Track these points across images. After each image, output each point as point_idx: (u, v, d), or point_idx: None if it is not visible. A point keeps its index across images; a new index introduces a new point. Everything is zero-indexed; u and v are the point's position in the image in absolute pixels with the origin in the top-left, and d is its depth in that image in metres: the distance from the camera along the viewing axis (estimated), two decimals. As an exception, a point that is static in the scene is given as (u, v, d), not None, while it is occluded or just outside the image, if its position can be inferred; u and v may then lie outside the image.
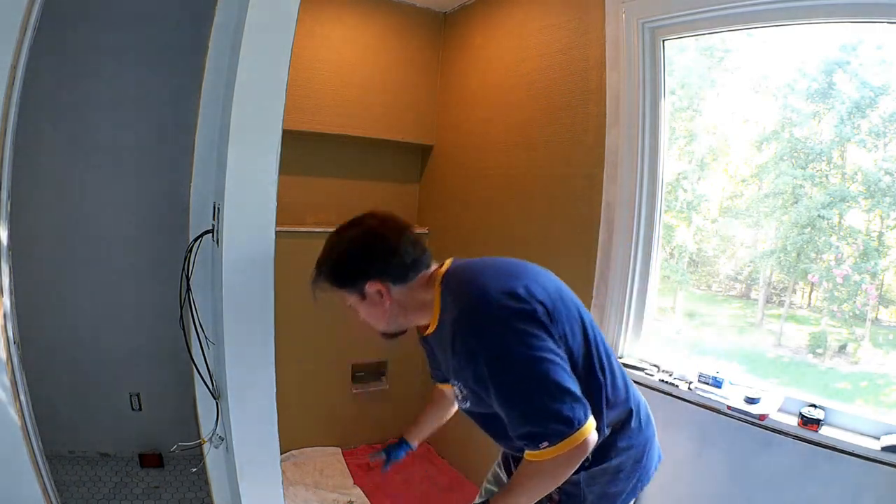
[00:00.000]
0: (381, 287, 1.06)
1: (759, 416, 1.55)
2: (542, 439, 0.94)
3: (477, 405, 1.09)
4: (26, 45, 1.20)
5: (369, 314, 1.12)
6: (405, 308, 1.11)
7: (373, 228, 1.09)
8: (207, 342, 1.54)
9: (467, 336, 0.98)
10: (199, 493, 2.29)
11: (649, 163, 1.89)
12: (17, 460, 1.30)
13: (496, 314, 0.97)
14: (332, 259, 1.09)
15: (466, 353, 0.99)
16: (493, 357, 0.96)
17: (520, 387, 0.95)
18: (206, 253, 1.57)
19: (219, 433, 1.59)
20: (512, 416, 0.97)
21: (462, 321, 0.99)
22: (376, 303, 1.09)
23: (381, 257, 1.06)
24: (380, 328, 1.16)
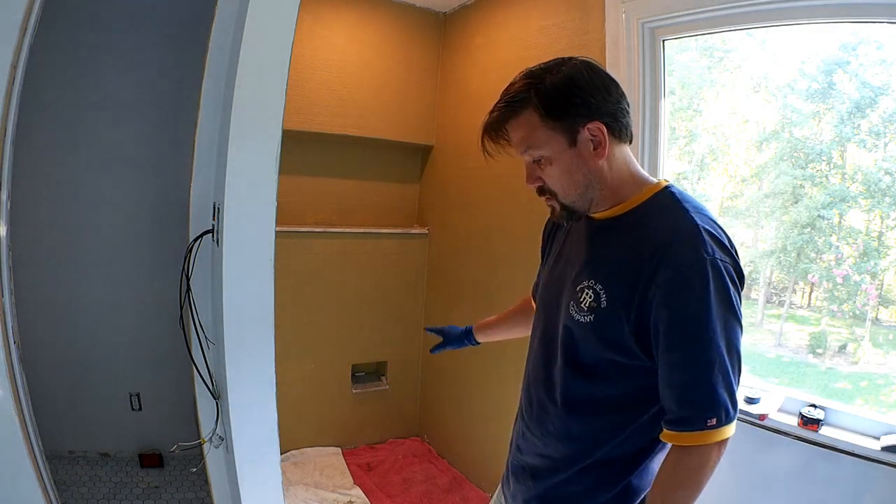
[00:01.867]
0: (603, 132, 0.83)
1: (759, 416, 1.55)
2: (712, 413, 0.78)
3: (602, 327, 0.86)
4: (26, 45, 1.20)
5: (566, 172, 0.86)
6: (609, 177, 0.87)
7: (598, 65, 0.87)
8: (207, 342, 1.54)
9: (701, 255, 0.78)
10: (199, 493, 2.29)
11: (649, 163, 1.89)
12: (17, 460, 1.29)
13: (729, 253, 0.81)
14: (555, 81, 0.84)
15: (692, 270, 0.78)
16: (717, 294, 0.77)
17: (721, 343, 0.78)
18: (206, 253, 1.57)
19: (219, 433, 1.59)
20: (693, 372, 0.79)
21: (699, 243, 0.78)
22: (585, 156, 0.85)
23: (612, 93, 0.85)
24: (570, 197, 0.89)
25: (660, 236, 0.81)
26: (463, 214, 2.78)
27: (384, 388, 3.05)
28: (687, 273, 0.78)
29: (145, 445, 2.50)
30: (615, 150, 0.87)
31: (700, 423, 0.78)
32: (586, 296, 0.87)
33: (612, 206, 0.90)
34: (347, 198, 2.89)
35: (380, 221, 2.98)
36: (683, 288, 0.78)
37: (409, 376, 3.12)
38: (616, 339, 0.85)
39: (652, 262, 0.80)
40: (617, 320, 0.84)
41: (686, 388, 0.80)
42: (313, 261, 2.73)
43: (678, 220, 0.83)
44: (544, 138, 0.85)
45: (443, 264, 2.97)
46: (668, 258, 0.79)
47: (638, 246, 0.83)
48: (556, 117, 0.84)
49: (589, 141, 0.85)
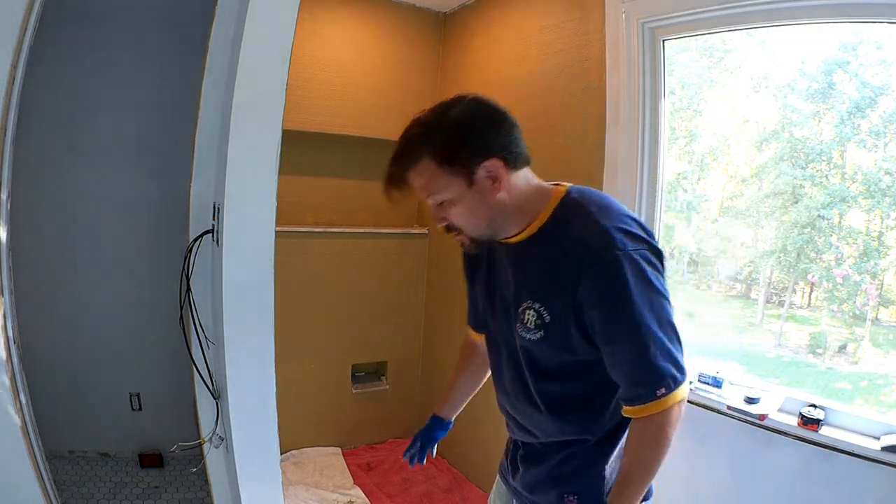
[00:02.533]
0: (500, 167, 0.88)
1: (759, 416, 1.55)
2: (659, 385, 0.86)
3: (553, 341, 0.93)
4: (26, 45, 1.20)
5: (469, 210, 0.91)
6: (511, 206, 0.92)
7: (485, 100, 0.91)
8: (207, 342, 1.54)
9: (614, 252, 0.84)
10: (199, 493, 2.29)
11: (649, 163, 1.89)
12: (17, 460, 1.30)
13: (645, 242, 0.87)
14: (444, 129, 0.88)
15: (606, 271, 0.84)
16: (637, 279, 0.84)
17: (651, 324, 0.85)
18: (206, 253, 1.57)
19: (219, 433, 1.59)
20: (635, 356, 0.87)
21: (610, 239, 0.85)
22: (485, 192, 0.89)
23: (502, 128, 0.90)
24: (477, 231, 0.95)
25: (575, 245, 0.89)
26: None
27: (384, 388, 3.05)
28: (605, 273, 0.85)
29: (145, 445, 2.50)
30: (513, 178, 0.93)
31: (651, 396, 0.87)
32: (529, 316, 0.94)
33: (524, 227, 0.95)
34: (347, 198, 2.89)
35: (380, 221, 2.98)
36: (605, 287, 0.86)
37: (409, 376, 3.12)
38: (568, 345, 0.93)
39: (573, 270, 0.87)
40: (563, 329, 0.92)
41: (631, 371, 0.89)
42: (313, 261, 2.73)
43: (586, 226, 0.89)
44: (443, 183, 0.89)
45: (443, 264, 2.97)
46: (587, 264, 0.86)
47: (559, 258, 0.90)
48: (451, 163, 0.88)
49: (486, 178, 0.89)
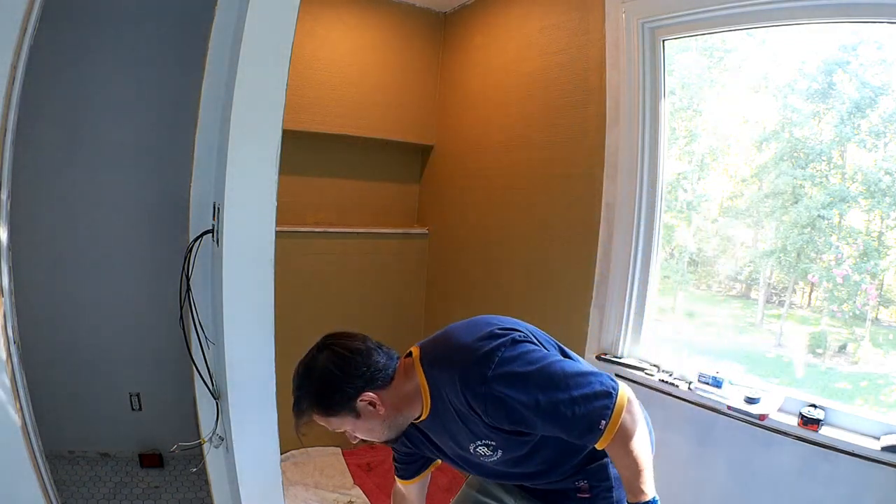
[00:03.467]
0: (372, 397, 1.04)
1: (759, 416, 1.55)
2: (597, 423, 0.96)
3: (512, 448, 1.08)
4: (26, 45, 1.20)
5: (368, 430, 1.09)
6: (398, 408, 1.08)
7: (339, 346, 1.09)
8: (207, 342, 1.54)
9: (483, 386, 0.98)
10: (199, 493, 2.29)
11: (649, 163, 1.89)
12: (17, 460, 1.29)
13: (494, 354, 0.99)
14: (314, 389, 1.05)
15: (492, 400, 0.98)
16: (515, 386, 0.97)
17: (550, 396, 0.96)
18: (206, 253, 1.57)
19: (219, 433, 1.59)
20: (563, 424, 0.98)
21: (471, 379, 0.99)
22: (371, 415, 1.06)
23: (361, 368, 1.05)
24: (381, 438, 1.12)
25: (457, 399, 1.02)
26: (463, 214, 2.78)
27: (384, 388, 3.04)
28: (488, 405, 0.98)
29: (145, 445, 2.50)
30: (391, 390, 1.07)
31: (598, 433, 0.97)
32: (482, 450, 1.09)
33: (421, 410, 1.09)
34: (347, 198, 2.89)
35: (380, 221, 2.98)
36: (497, 412, 0.99)
37: (409, 376, 3.11)
38: (520, 442, 1.07)
39: (471, 412, 1.02)
40: (508, 441, 1.06)
41: (569, 433, 1.00)
42: (313, 261, 2.73)
43: (451, 381, 1.02)
44: (337, 423, 1.07)
45: (443, 264, 2.98)
46: (474, 405, 1.00)
47: (458, 410, 1.04)
48: (334, 412, 1.05)
49: (367, 406, 1.05)
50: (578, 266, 2.10)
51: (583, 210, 2.09)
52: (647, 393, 1.81)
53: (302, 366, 1.09)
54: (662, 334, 2.08)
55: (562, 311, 2.19)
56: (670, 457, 1.75)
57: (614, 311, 1.99)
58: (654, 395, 1.81)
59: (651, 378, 1.83)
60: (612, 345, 2.01)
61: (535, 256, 2.35)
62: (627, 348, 2.01)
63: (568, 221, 2.18)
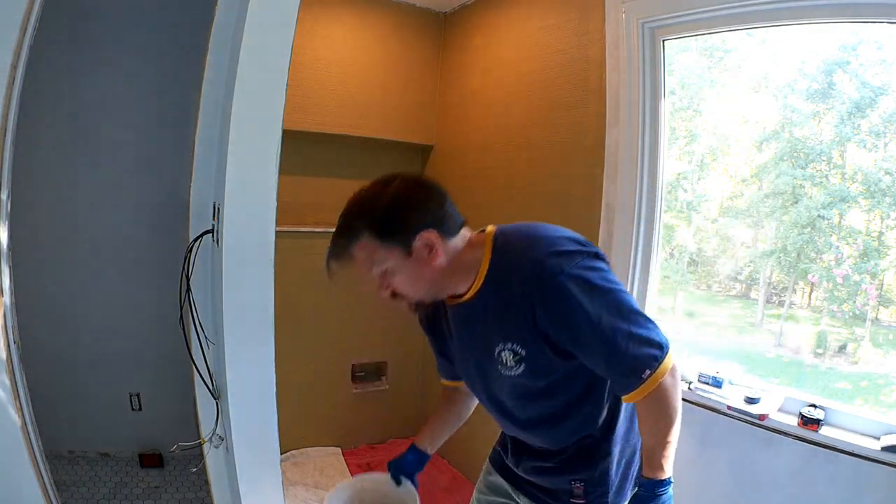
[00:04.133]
0: (434, 238, 0.95)
1: (759, 416, 1.55)
2: (642, 369, 0.91)
3: (535, 370, 0.99)
4: (26, 45, 1.20)
5: (410, 278, 0.98)
6: (450, 268, 0.99)
7: (413, 177, 1.00)
8: (207, 342, 1.54)
9: (556, 277, 0.90)
10: (199, 493, 2.29)
11: (649, 163, 1.89)
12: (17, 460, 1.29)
13: (578, 253, 0.94)
14: (376, 209, 0.95)
15: (558, 294, 0.90)
16: (587, 290, 0.90)
17: (613, 321, 0.91)
18: (206, 253, 1.57)
19: (219, 433, 1.59)
20: (611, 352, 0.92)
21: (546, 267, 0.91)
22: (422, 261, 0.96)
23: (436, 203, 0.98)
24: (418, 295, 1.02)
25: (518, 283, 0.95)
26: (463, 214, 2.77)
27: (384, 388, 3.05)
28: (553, 298, 0.92)
29: (145, 445, 2.50)
30: (449, 245, 1.00)
31: (638, 381, 0.92)
32: (506, 356, 1.00)
33: (470, 285, 1.02)
34: (348, 198, 2.88)
35: (380, 221, 2.98)
36: (558, 310, 0.92)
37: (409, 376, 3.12)
38: (548, 367, 1.00)
39: (525, 304, 0.94)
40: (540, 356, 0.98)
41: (613, 368, 0.94)
42: (313, 261, 2.71)
43: (522, 263, 0.95)
44: (384, 255, 0.96)
45: (443, 264, 2.97)
46: (534, 295, 0.92)
47: (510, 299, 0.96)
48: (389, 236, 0.95)
49: (423, 248, 0.96)
50: (578, 266, 2.10)
51: (583, 210, 2.09)
52: (647, 393, 1.81)
53: (363, 190, 0.99)
54: (662, 334, 2.08)
55: (562, 311, 2.19)
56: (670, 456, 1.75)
57: (614, 311, 1.99)
58: (654, 395, 1.80)
59: (651, 378, 1.83)
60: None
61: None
62: (627, 348, 2.00)
63: (568, 221, 2.16)
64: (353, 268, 1.01)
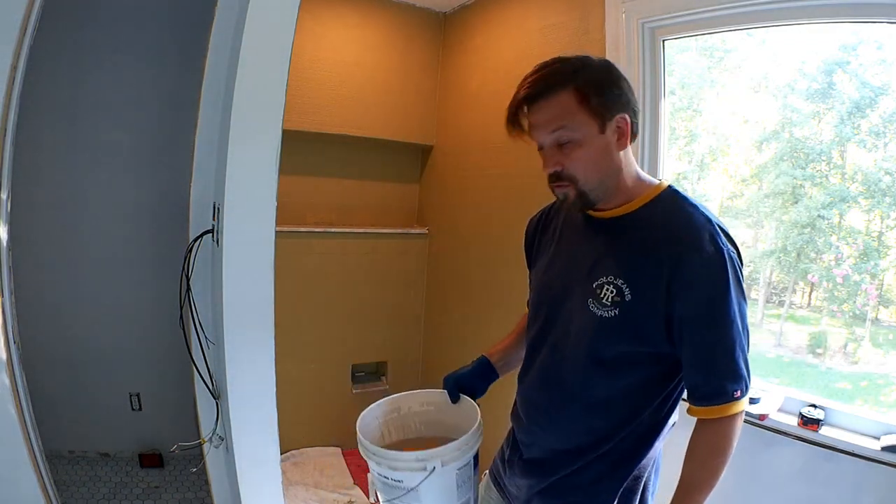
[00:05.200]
0: (628, 124, 0.89)
1: (759, 416, 1.55)
2: (737, 386, 0.85)
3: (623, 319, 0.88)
4: (26, 45, 1.20)
5: (592, 158, 0.89)
6: (623, 169, 0.92)
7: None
8: (207, 342, 1.54)
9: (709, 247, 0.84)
10: (199, 493, 2.29)
11: (649, 163, 1.89)
12: (17, 460, 1.29)
13: (734, 251, 0.88)
14: (588, 70, 0.89)
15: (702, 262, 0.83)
16: (735, 282, 0.85)
17: (740, 324, 0.85)
18: (206, 253, 1.57)
19: (219, 433, 1.59)
20: (722, 354, 0.85)
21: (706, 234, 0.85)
22: (610, 144, 0.89)
23: (633, 95, 0.92)
24: (590, 184, 0.90)
25: (677, 233, 0.87)
26: (463, 214, 2.78)
27: (384, 388, 3.04)
28: (708, 265, 0.84)
29: (145, 445, 2.50)
30: (629, 150, 0.93)
31: (727, 396, 0.85)
32: (608, 291, 0.89)
33: (621, 204, 0.93)
34: (347, 198, 2.89)
35: (380, 221, 2.98)
36: (706, 278, 0.84)
37: (409, 376, 3.12)
38: (641, 329, 0.88)
39: (673, 257, 0.85)
40: (644, 312, 0.87)
41: (715, 366, 0.85)
42: (313, 261, 2.73)
43: (691, 218, 0.88)
44: (580, 121, 0.87)
45: (443, 264, 2.97)
46: (689, 252, 0.84)
47: (656, 242, 0.88)
48: (591, 102, 0.87)
49: (616, 130, 0.89)
50: (578, 266, 2.10)
51: (583, 210, 2.08)
52: (647, 393, 1.81)
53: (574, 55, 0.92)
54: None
55: (562, 311, 2.18)
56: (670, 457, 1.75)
57: (614, 311, 1.99)
58: (654, 395, 1.80)
59: (651, 378, 1.83)
60: (612, 345, 2.01)
61: (535, 256, 2.35)
62: (627, 348, 2.01)
63: (568, 221, 2.18)
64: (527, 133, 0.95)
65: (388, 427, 1.10)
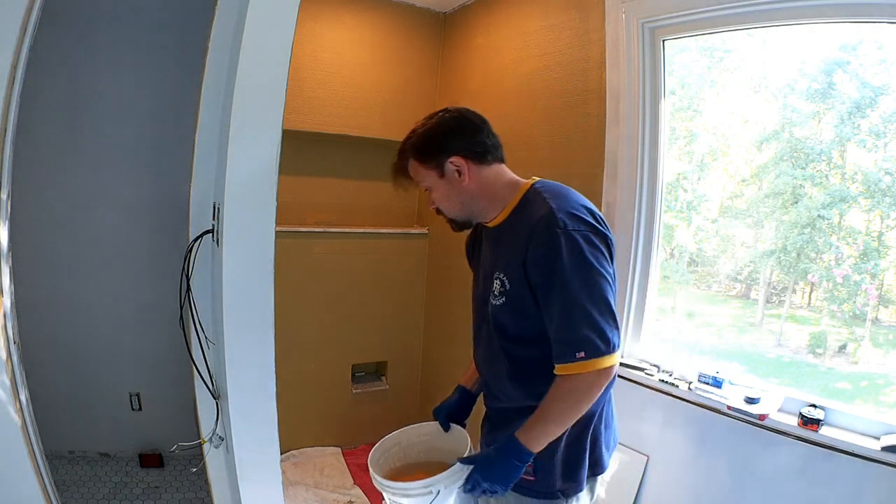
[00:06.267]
0: (462, 163, 1.12)
1: (759, 416, 1.55)
2: (580, 348, 0.98)
3: (512, 307, 1.10)
4: (26, 45, 1.20)
5: (444, 196, 1.16)
6: (480, 193, 1.15)
7: (458, 111, 1.18)
8: (207, 342, 1.54)
9: (558, 229, 1.01)
10: (199, 493, 2.29)
11: (649, 163, 1.89)
12: (17, 460, 1.29)
13: (588, 225, 1.04)
14: (419, 135, 1.16)
15: (551, 243, 1.01)
16: (571, 254, 1.00)
17: (580, 293, 1.00)
18: (206, 253, 1.57)
19: (219, 433, 1.59)
20: (562, 318, 1.01)
21: (558, 219, 1.02)
22: (454, 182, 1.14)
23: (466, 133, 1.14)
24: (453, 212, 1.19)
25: (528, 224, 1.07)
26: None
27: (384, 388, 3.05)
28: (544, 244, 1.02)
29: (145, 445, 2.50)
30: (483, 173, 1.15)
31: (571, 357, 1.00)
32: (496, 284, 1.13)
33: (499, 213, 1.17)
34: (347, 198, 2.89)
35: (380, 221, 2.98)
36: (543, 257, 1.02)
37: (409, 376, 3.12)
38: (523, 309, 1.09)
39: (525, 244, 1.05)
40: (518, 295, 1.09)
41: (558, 331, 1.03)
42: (313, 261, 2.73)
43: (538, 208, 1.08)
44: (423, 174, 1.16)
45: (443, 264, 2.97)
46: (533, 238, 1.04)
47: (519, 235, 1.08)
48: (425, 160, 1.15)
49: (454, 171, 1.13)
50: (578, 266, 2.10)
51: (583, 210, 2.09)
52: (647, 393, 1.81)
53: (423, 120, 1.19)
54: (662, 334, 2.08)
55: (562, 311, 2.19)
56: (670, 457, 1.75)
57: (614, 311, 1.99)
58: (654, 395, 1.80)
59: (651, 378, 1.83)
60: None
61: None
62: (627, 348, 2.01)
63: (568, 221, 2.18)
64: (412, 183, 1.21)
65: (394, 459, 1.28)
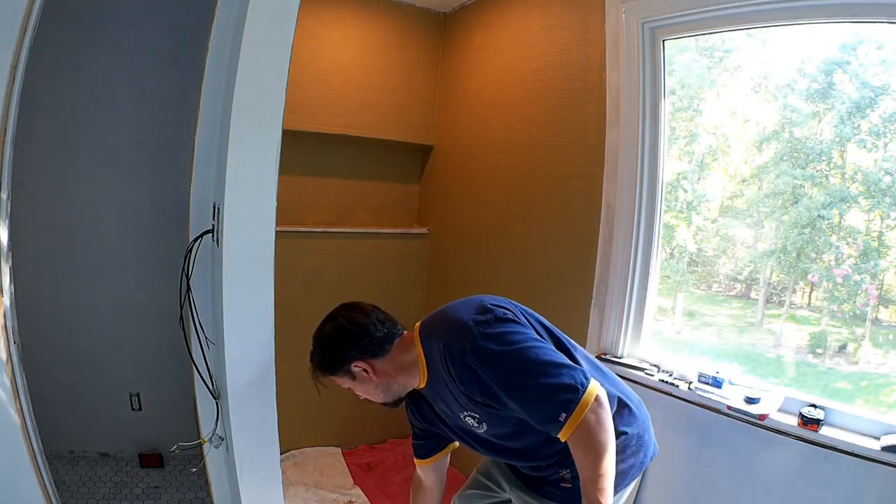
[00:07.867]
0: (364, 365, 1.21)
1: (759, 416, 1.55)
2: (558, 413, 1.01)
3: (495, 423, 1.18)
4: (26, 45, 1.20)
5: (365, 391, 1.26)
6: (393, 375, 1.24)
7: (343, 317, 1.25)
8: (207, 342, 1.54)
9: (461, 356, 1.09)
10: (199, 493, 2.29)
11: (649, 163, 1.89)
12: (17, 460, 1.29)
13: (475, 329, 1.10)
14: (318, 354, 1.25)
15: (467, 371, 1.08)
16: (488, 362, 1.06)
17: (521, 379, 1.04)
18: (206, 253, 1.57)
19: (219, 433, 1.59)
20: (527, 408, 1.05)
21: (452, 349, 1.11)
22: (366, 379, 1.23)
23: (357, 339, 1.21)
24: (379, 400, 1.28)
25: (443, 368, 1.15)
26: (463, 214, 2.78)
27: (384, 388, 3.04)
28: (466, 375, 1.10)
29: (145, 445, 2.50)
30: (387, 360, 1.23)
31: (558, 424, 1.02)
32: (470, 419, 1.21)
33: (421, 377, 1.23)
34: (347, 198, 2.89)
35: (380, 221, 2.98)
36: (473, 382, 1.09)
37: (409, 376, 3.12)
38: (504, 418, 1.15)
39: (456, 383, 1.12)
40: (490, 415, 1.15)
41: (534, 415, 1.06)
42: (313, 261, 2.73)
43: (437, 353, 1.16)
44: (339, 381, 1.26)
45: (443, 264, 2.98)
46: (455, 376, 1.11)
47: (447, 381, 1.16)
48: (333, 373, 1.24)
49: (362, 371, 1.22)
50: (578, 266, 2.10)
51: (583, 210, 2.09)
52: (647, 393, 1.81)
53: (316, 330, 1.27)
54: (663, 334, 2.08)
55: (562, 311, 2.19)
56: (670, 457, 1.75)
57: (614, 311, 1.99)
58: (654, 395, 1.80)
59: (651, 378, 1.83)
60: (612, 345, 2.01)
61: (535, 256, 2.35)
62: (627, 348, 2.01)
63: (568, 221, 2.18)
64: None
65: None
